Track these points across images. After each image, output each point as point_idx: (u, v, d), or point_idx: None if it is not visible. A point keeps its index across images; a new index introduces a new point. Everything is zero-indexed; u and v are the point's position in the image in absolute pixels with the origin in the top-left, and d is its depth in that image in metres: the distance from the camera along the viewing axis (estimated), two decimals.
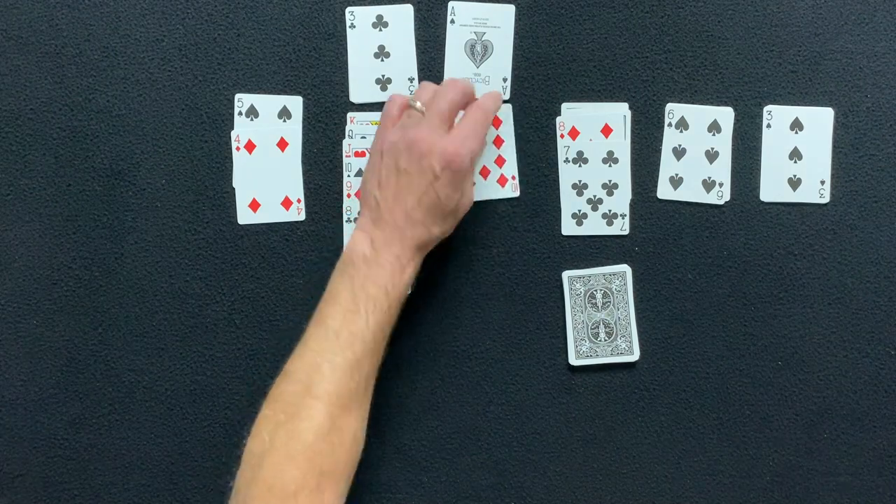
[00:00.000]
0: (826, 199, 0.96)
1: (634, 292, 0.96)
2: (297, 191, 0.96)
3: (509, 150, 0.96)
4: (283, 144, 0.96)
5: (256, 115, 0.96)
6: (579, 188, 0.96)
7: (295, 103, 0.96)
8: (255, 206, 0.96)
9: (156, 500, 0.96)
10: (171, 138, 0.96)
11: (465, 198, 0.89)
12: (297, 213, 0.96)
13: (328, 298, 0.85)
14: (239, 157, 0.96)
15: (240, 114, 0.96)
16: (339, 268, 0.86)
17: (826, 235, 0.96)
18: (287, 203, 0.96)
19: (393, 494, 0.96)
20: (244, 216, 0.96)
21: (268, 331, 0.96)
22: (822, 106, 0.96)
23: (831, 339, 0.96)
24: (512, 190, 0.96)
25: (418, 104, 0.88)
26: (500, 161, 0.96)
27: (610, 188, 0.96)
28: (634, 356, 0.95)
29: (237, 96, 0.96)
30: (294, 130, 0.96)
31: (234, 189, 0.96)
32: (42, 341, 0.95)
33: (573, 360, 0.95)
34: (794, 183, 0.96)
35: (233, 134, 0.96)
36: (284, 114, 0.96)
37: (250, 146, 0.96)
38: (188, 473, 0.96)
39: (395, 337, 0.96)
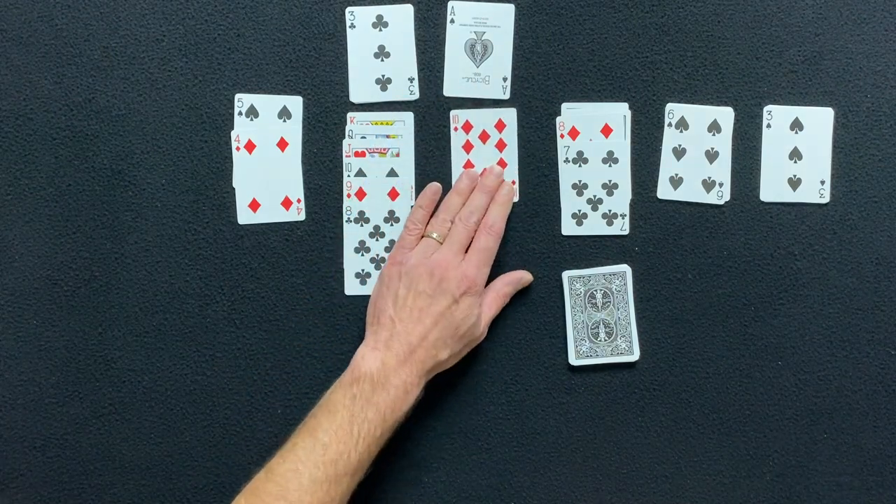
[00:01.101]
0: (826, 199, 0.96)
1: (634, 292, 0.96)
2: (297, 191, 0.96)
3: (511, 155, 0.96)
4: (283, 144, 0.96)
5: (256, 115, 0.96)
6: (579, 188, 0.96)
7: (295, 103, 0.96)
8: (255, 206, 0.96)
9: (156, 500, 0.96)
10: (171, 138, 0.96)
11: (477, 327, 0.91)
12: (297, 213, 0.96)
13: (325, 408, 0.85)
14: (239, 157, 0.96)
15: (240, 114, 0.96)
16: (345, 381, 0.87)
17: (826, 235, 0.96)
18: (287, 203, 0.96)
19: (393, 494, 0.96)
20: (244, 216, 0.96)
21: (268, 331, 0.96)
22: (822, 106, 0.96)
23: (831, 339, 0.96)
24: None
25: (435, 235, 0.92)
26: (501, 164, 0.96)
27: (610, 188, 0.96)
28: (634, 356, 0.95)
29: (237, 96, 0.96)
30: (294, 130, 0.96)
31: (234, 189, 0.96)
32: (42, 341, 0.95)
33: (573, 360, 0.95)
34: (794, 183, 0.96)
35: (233, 134, 0.96)
36: (284, 114, 0.96)
37: (250, 146, 0.96)
38: (188, 473, 0.96)
39: None
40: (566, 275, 0.95)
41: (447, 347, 0.89)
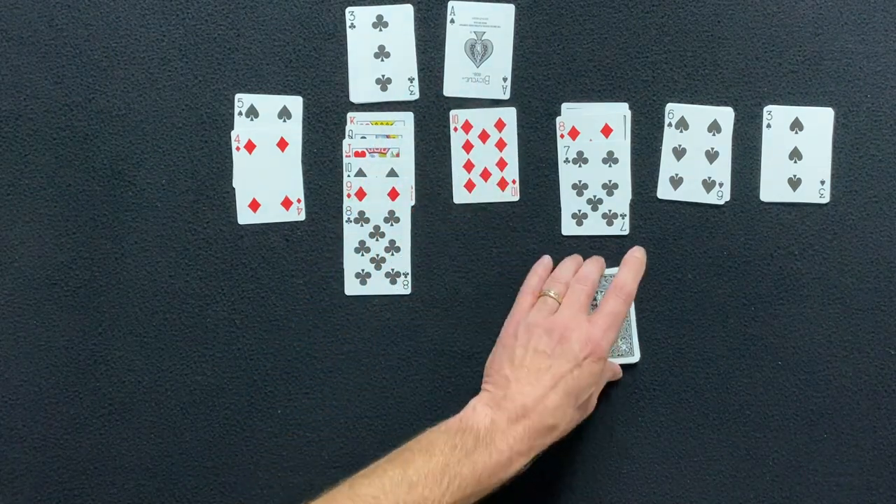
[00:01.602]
0: (826, 199, 0.96)
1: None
2: (297, 191, 0.96)
3: (511, 154, 0.96)
4: (283, 144, 0.96)
5: (256, 115, 0.96)
6: (579, 188, 0.96)
7: (295, 103, 0.96)
8: (255, 206, 0.96)
9: (156, 500, 0.96)
10: (171, 138, 0.96)
11: (595, 396, 0.88)
12: (298, 213, 0.96)
13: (425, 448, 0.80)
14: (239, 157, 0.96)
15: (240, 114, 0.96)
16: (451, 427, 0.82)
17: (826, 235, 0.96)
18: (287, 203, 0.96)
19: None
20: (244, 216, 0.96)
21: (268, 331, 0.96)
22: (822, 106, 0.96)
23: (831, 339, 0.96)
24: (511, 194, 0.96)
25: (552, 292, 0.88)
26: (501, 164, 0.96)
27: (610, 188, 0.96)
28: (635, 357, 0.95)
29: (237, 96, 0.96)
30: (294, 130, 0.96)
31: (234, 189, 0.96)
32: (42, 341, 0.95)
33: None
34: (794, 183, 0.96)
35: (233, 134, 0.96)
36: (284, 114, 0.96)
37: (250, 146, 0.96)
38: (188, 473, 0.96)
39: (394, 337, 0.96)
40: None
41: (565, 415, 0.83)
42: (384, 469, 0.80)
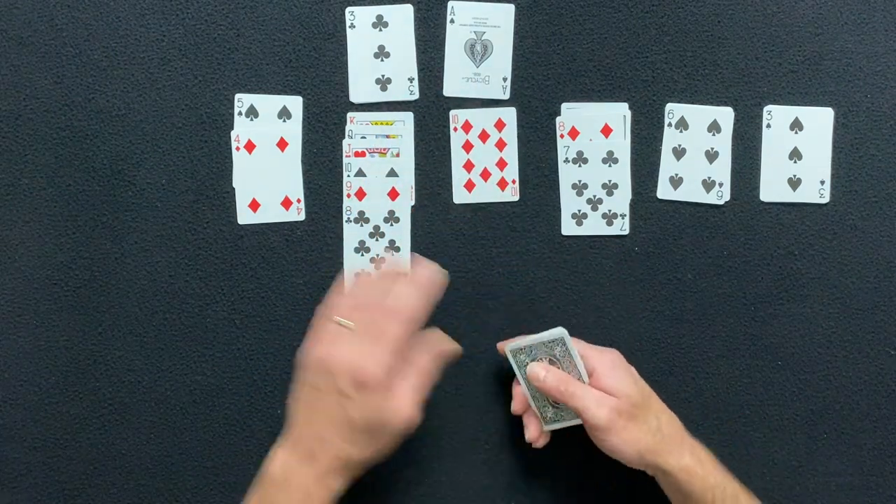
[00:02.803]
0: (826, 199, 0.96)
1: (634, 292, 0.96)
2: (297, 191, 0.96)
3: (511, 154, 0.96)
4: (282, 144, 0.96)
5: (256, 115, 0.96)
6: (579, 188, 0.96)
7: (295, 103, 0.96)
8: (254, 206, 0.96)
9: (156, 500, 0.96)
10: (171, 138, 0.96)
11: (394, 420, 0.79)
12: (297, 214, 0.96)
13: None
14: (239, 157, 0.96)
15: (240, 114, 0.96)
16: (256, 482, 0.81)
17: (826, 235, 0.96)
18: (287, 203, 0.96)
19: (393, 494, 0.96)
20: (244, 216, 0.96)
21: (268, 331, 0.96)
22: (822, 106, 0.96)
23: (831, 339, 0.96)
24: (511, 194, 0.96)
25: (340, 320, 0.81)
26: (501, 164, 0.96)
27: (610, 188, 0.96)
28: (576, 421, 0.90)
29: (237, 96, 0.96)
30: (294, 130, 0.96)
31: (234, 189, 0.96)
32: (42, 341, 0.95)
33: (545, 427, 0.91)
34: (794, 183, 0.96)
35: (233, 134, 0.96)
36: (284, 114, 0.96)
37: (250, 146, 0.96)
38: (188, 473, 0.96)
39: None
40: (508, 349, 0.90)
41: (355, 445, 0.79)
42: None
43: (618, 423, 0.84)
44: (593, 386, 0.86)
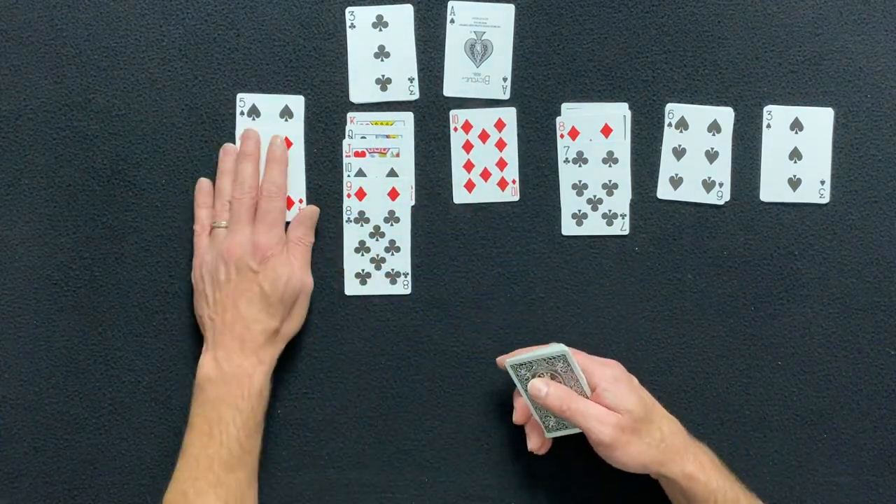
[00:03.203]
0: (826, 199, 0.96)
1: (634, 292, 0.96)
2: (299, 191, 0.96)
3: (511, 154, 0.96)
4: (286, 145, 0.96)
5: (258, 114, 0.96)
6: (579, 188, 0.96)
7: (297, 102, 0.96)
8: None
9: (156, 500, 0.95)
10: (171, 138, 0.96)
11: (294, 282, 0.91)
12: None
13: (188, 426, 0.88)
14: None
15: (241, 113, 0.96)
16: (194, 393, 0.89)
17: (826, 235, 0.96)
18: (289, 203, 0.96)
19: (393, 494, 0.96)
20: None
21: None
22: (822, 106, 0.96)
23: (831, 339, 0.96)
24: (511, 194, 0.96)
25: (222, 223, 0.92)
26: (501, 164, 0.96)
27: (610, 188, 0.96)
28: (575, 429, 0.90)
29: (239, 96, 0.96)
30: (298, 131, 0.96)
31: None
32: (42, 341, 0.95)
33: (547, 435, 0.92)
34: (794, 183, 0.96)
35: (237, 133, 0.95)
36: (286, 113, 0.96)
37: None
38: None
39: (395, 337, 0.96)
40: (508, 364, 0.90)
41: (272, 316, 0.89)
42: (175, 472, 0.87)
43: (621, 439, 0.85)
44: (595, 401, 0.87)
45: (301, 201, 0.96)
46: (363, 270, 0.96)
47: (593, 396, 0.87)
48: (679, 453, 0.87)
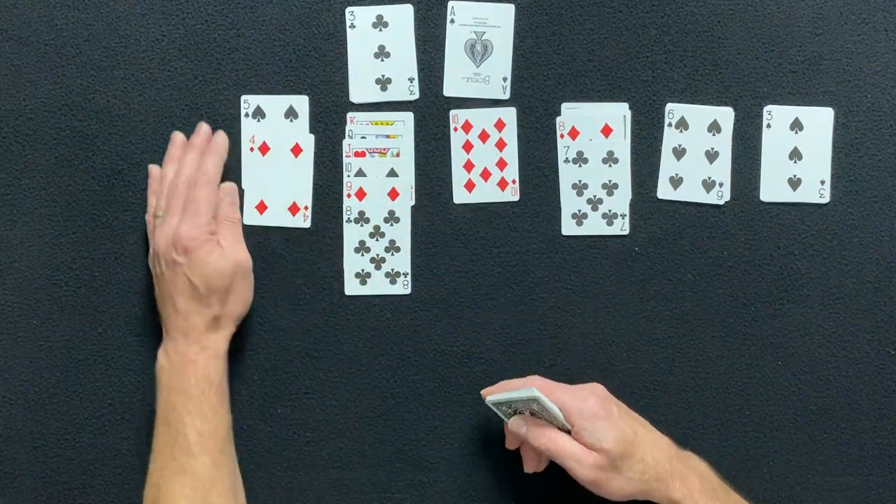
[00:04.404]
0: (826, 199, 0.96)
1: (634, 292, 0.96)
2: (305, 198, 0.96)
3: (511, 154, 0.96)
4: (297, 150, 0.96)
5: (263, 115, 0.96)
6: (579, 188, 0.96)
7: (301, 102, 0.96)
8: (262, 207, 0.96)
9: None
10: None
11: (225, 265, 0.90)
12: (303, 221, 0.96)
13: (155, 420, 0.89)
14: (251, 158, 0.95)
15: (246, 115, 0.95)
16: (156, 392, 0.90)
17: (826, 235, 0.96)
18: (294, 209, 0.96)
19: (393, 494, 0.96)
20: (250, 217, 0.96)
21: (266, 330, 0.96)
22: (822, 106, 0.96)
23: (831, 339, 0.96)
24: (511, 194, 0.96)
25: (160, 213, 0.91)
26: (501, 164, 0.96)
27: (610, 188, 0.96)
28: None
29: (243, 98, 0.95)
30: (307, 137, 0.95)
31: (241, 189, 0.95)
32: (42, 341, 0.95)
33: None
34: (794, 183, 0.96)
35: (246, 135, 0.95)
36: (291, 113, 0.96)
37: (264, 148, 0.95)
38: None
39: (394, 337, 0.96)
40: (489, 401, 0.90)
41: (207, 306, 0.89)
42: (149, 467, 0.88)
43: (601, 477, 0.86)
44: (575, 438, 0.87)
45: (307, 208, 0.96)
46: (363, 270, 0.96)
47: (573, 433, 0.87)
48: (663, 482, 0.87)
